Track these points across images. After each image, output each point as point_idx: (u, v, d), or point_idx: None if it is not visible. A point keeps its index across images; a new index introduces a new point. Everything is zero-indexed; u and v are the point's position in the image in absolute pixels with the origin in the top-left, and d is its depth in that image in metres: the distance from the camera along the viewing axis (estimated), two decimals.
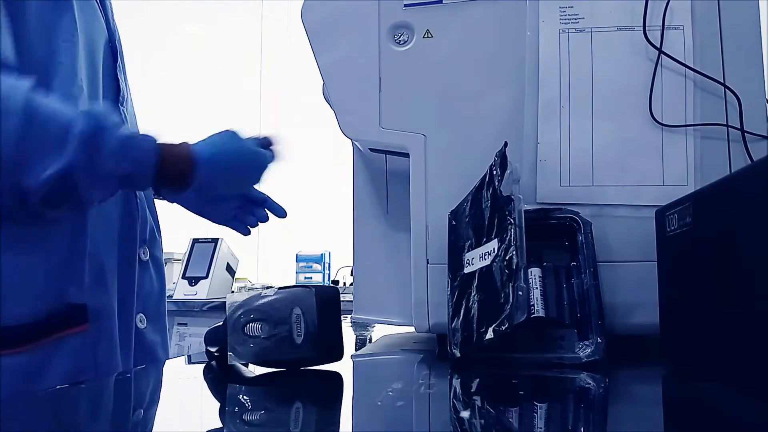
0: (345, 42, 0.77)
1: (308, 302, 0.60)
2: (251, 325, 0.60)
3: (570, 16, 0.73)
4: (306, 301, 0.60)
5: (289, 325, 0.59)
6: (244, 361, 0.61)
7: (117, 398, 0.62)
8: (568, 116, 0.72)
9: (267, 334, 0.60)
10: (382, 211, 0.85)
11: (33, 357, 0.71)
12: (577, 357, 0.61)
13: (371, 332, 1.05)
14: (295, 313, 0.60)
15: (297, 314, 0.60)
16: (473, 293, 0.63)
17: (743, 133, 0.68)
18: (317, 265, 3.22)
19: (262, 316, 0.60)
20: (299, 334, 0.59)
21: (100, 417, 0.51)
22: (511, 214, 0.58)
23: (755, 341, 0.45)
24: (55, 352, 0.72)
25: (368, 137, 0.78)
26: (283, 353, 0.60)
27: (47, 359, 0.72)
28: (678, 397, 0.55)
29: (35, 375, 0.70)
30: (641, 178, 0.70)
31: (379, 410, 0.47)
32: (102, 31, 0.84)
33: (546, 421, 0.45)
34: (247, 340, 0.60)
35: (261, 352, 0.60)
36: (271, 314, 0.60)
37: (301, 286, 0.62)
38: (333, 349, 0.63)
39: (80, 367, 0.74)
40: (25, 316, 0.71)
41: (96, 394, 0.61)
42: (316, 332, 0.60)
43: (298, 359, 0.61)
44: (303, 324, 0.59)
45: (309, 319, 0.60)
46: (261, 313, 0.61)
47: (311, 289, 0.61)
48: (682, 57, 0.70)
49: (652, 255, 0.64)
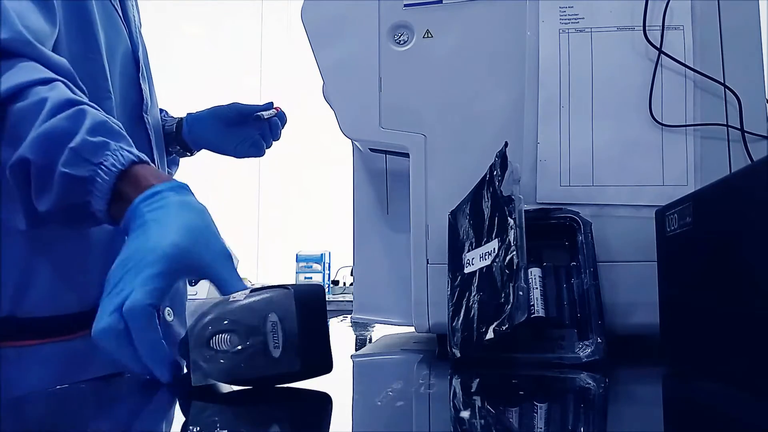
0: (345, 42, 0.77)
1: (286, 306, 0.50)
2: (218, 337, 0.50)
3: (570, 16, 0.73)
4: (283, 306, 0.50)
5: (263, 335, 0.49)
6: (211, 380, 0.51)
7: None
8: (568, 116, 0.72)
9: (237, 347, 0.49)
10: (382, 211, 0.85)
11: (77, 346, 0.75)
12: (577, 357, 0.61)
13: (371, 332, 1.05)
14: (270, 320, 0.49)
15: (273, 321, 0.49)
16: (473, 293, 0.63)
17: (743, 133, 0.68)
18: (317, 265, 3.23)
19: (231, 327, 0.50)
20: (276, 346, 0.49)
21: (104, 415, 0.51)
22: (512, 214, 0.58)
23: (755, 341, 0.45)
24: None
25: (368, 137, 0.78)
26: (257, 369, 0.50)
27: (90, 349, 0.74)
28: (678, 397, 0.55)
29: (80, 363, 0.74)
30: (641, 178, 0.70)
31: (379, 410, 0.47)
32: (122, 42, 0.87)
33: (546, 421, 0.45)
34: (214, 355, 0.50)
35: (231, 369, 0.50)
36: (241, 323, 0.50)
37: (278, 287, 0.52)
38: (319, 361, 0.53)
39: None
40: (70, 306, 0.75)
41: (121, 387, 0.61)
42: (297, 342, 0.50)
43: (277, 375, 0.51)
44: (281, 333, 0.49)
45: (288, 327, 0.50)
46: (230, 323, 0.50)
47: (289, 289, 0.51)
48: (682, 57, 0.70)
49: (652, 255, 0.64)
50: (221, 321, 0.50)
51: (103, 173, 0.61)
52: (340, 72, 0.78)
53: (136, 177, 0.61)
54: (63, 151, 0.60)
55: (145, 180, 0.61)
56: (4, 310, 0.73)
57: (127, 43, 0.89)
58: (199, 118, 1.10)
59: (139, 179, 0.61)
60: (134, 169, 0.62)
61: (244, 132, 1.09)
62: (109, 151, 0.61)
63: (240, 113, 1.08)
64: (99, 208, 0.61)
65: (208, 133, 1.09)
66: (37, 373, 0.73)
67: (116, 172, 0.61)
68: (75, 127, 0.61)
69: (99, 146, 0.61)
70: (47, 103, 0.61)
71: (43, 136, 0.60)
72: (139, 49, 0.91)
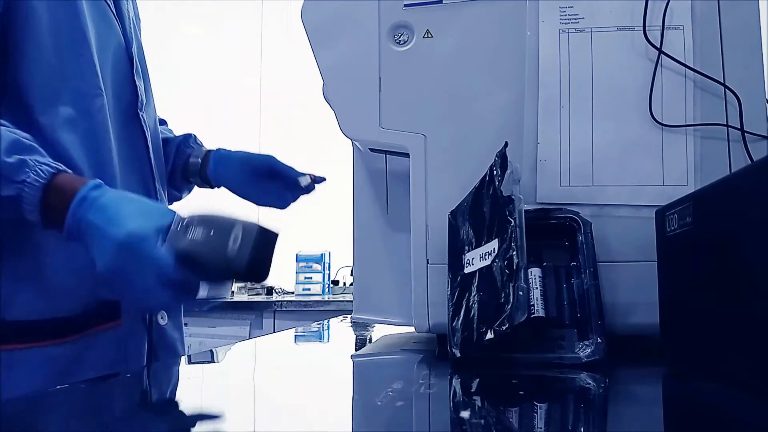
0: (345, 42, 0.77)
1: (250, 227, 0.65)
2: (193, 228, 0.65)
3: (570, 16, 0.73)
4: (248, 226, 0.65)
5: (227, 237, 0.64)
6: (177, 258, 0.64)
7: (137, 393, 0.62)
8: (568, 116, 0.72)
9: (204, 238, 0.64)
10: (382, 211, 0.85)
11: (72, 348, 0.76)
12: (577, 357, 0.61)
13: (371, 332, 1.05)
14: (235, 231, 0.64)
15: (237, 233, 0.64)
16: (473, 293, 0.63)
17: (743, 133, 0.68)
18: (317, 265, 3.22)
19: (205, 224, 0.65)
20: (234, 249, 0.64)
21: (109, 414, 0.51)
22: (512, 214, 0.58)
23: (755, 341, 0.45)
24: (91, 344, 0.78)
25: (368, 137, 0.78)
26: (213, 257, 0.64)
27: (84, 351, 0.78)
28: (678, 397, 0.55)
29: (75, 365, 0.76)
30: (641, 178, 0.70)
31: (379, 410, 0.47)
32: (115, 38, 0.86)
33: (546, 421, 0.45)
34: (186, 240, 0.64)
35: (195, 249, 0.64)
36: (214, 224, 0.65)
37: None
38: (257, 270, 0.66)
39: (113, 360, 0.80)
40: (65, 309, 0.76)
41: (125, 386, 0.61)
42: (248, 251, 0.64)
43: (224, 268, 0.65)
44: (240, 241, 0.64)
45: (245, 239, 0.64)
46: (205, 223, 0.65)
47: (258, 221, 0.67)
48: (682, 57, 0.70)
49: (652, 255, 0.64)
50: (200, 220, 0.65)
51: (28, 189, 0.65)
52: (340, 72, 0.78)
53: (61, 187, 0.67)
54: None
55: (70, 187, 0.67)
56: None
57: (120, 39, 0.87)
58: (227, 160, 1.05)
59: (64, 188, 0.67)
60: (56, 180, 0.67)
61: (271, 186, 1.05)
62: (28, 168, 0.65)
63: (273, 170, 1.04)
64: (34, 220, 0.67)
65: (234, 177, 1.05)
66: (26, 377, 0.72)
67: (40, 187, 0.65)
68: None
69: (17, 165, 0.65)
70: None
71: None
72: (132, 45, 0.89)
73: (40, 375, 0.73)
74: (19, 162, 0.65)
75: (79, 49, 0.78)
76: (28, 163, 0.66)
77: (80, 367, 0.76)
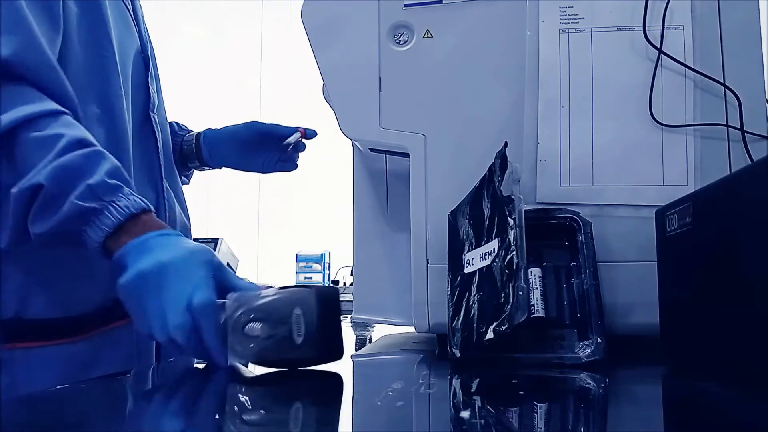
0: (345, 42, 0.77)
1: (308, 302, 0.60)
2: (251, 325, 0.60)
3: (570, 16, 0.73)
4: (306, 302, 0.60)
5: (289, 325, 0.59)
6: (243, 360, 0.61)
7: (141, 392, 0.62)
8: (568, 116, 0.72)
9: (267, 334, 0.60)
10: (382, 211, 0.86)
11: (89, 345, 0.77)
12: (577, 357, 0.61)
13: (371, 332, 1.05)
14: (295, 313, 0.59)
15: (297, 314, 0.59)
16: (473, 293, 0.63)
17: (743, 133, 0.68)
18: (317, 265, 3.23)
19: (262, 316, 0.60)
20: (299, 334, 0.59)
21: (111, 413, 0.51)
22: (512, 214, 0.58)
23: (755, 341, 0.45)
24: (106, 342, 0.79)
25: (368, 137, 0.78)
26: (282, 353, 0.60)
27: (100, 349, 0.79)
28: (678, 397, 0.55)
29: (90, 363, 0.77)
30: (641, 178, 0.70)
31: (379, 410, 0.47)
32: (134, 41, 0.87)
33: (546, 421, 0.45)
34: (247, 339, 0.60)
35: (261, 351, 0.60)
36: (271, 314, 0.60)
37: (301, 286, 0.62)
38: (333, 349, 0.63)
39: (126, 357, 0.81)
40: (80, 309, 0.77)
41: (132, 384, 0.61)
42: (315, 332, 0.60)
43: (298, 359, 0.61)
44: (303, 324, 0.59)
45: (309, 320, 0.59)
46: (261, 313, 0.60)
47: (312, 289, 0.61)
48: (682, 57, 0.70)
49: (652, 255, 0.64)
50: (256, 311, 0.60)
51: (114, 209, 0.67)
52: (340, 72, 0.78)
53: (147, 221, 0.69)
54: (78, 185, 0.65)
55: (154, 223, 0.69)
56: (10, 311, 0.73)
57: (137, 40, 0.88)
58: (216, 140, 1.06)
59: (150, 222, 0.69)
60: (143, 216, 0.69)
61: (267, 151, 1.06)
62: (122, 195, 0.68)
63: (260, 134, 1.05)
64: (95, 238, 0.67)
65: (229, 154, 1.06)
66: (42, 375, 0.73)
67: (128, 214, 0.67)
68: (92, 166, 0.67)
69: (114, 188, 0.68)
70: (63, 139, 0.67)
71: (61, 167, 0.65)
72: (148, 48, 0.91)
73: (58, 372, 0.74)
74: (116, 186, 0.68)
75: (104, 51, 0.80)
76: (123, 190, 0.68)
77: (97, 364, 0.77)
